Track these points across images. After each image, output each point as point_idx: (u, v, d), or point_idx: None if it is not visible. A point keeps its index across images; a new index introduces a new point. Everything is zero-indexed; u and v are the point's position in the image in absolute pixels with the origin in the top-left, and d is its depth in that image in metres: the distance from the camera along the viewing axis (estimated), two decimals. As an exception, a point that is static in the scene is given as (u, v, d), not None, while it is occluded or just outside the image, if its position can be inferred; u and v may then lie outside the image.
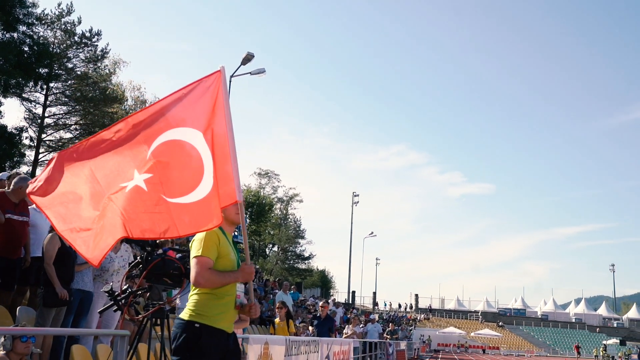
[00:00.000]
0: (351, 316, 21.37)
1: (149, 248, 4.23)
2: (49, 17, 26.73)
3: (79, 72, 28.07)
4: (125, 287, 4.34)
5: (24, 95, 26.73)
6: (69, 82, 28.09)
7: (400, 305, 73.75)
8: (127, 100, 35.31)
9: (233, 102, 3.85)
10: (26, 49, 25.32)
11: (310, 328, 12.81)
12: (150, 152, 3.61)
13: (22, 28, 25.26)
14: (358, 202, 52.07)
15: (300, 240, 57.90)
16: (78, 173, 3.71)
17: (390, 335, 23.22)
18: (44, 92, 27.40)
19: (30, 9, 25.37)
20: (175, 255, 4.34)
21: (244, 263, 3.50)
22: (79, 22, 27.44)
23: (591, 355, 54.34)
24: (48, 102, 27.79)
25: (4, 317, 5.72)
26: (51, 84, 27.46)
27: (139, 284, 4.36)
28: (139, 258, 4.21)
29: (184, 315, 3.41)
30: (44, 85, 27.11)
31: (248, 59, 19.10)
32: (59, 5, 26.98)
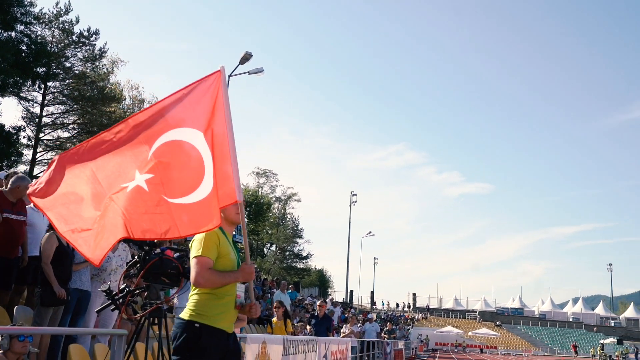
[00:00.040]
0: (349, 315, 21.36)
1: (146, 247, 4.22)
2: (47, 16, 26.68)
3: (76, 71, 28.04)
4: (123, 287, 4.33)
5: (21, 94, 26.68)
6: (67, 81, 28.06)
7: (398, 305, 73.77)
8: (125, 99, 35.27)
9: (231, 102, 3.82)
10: (24, 48, 25.27)
11: (308, 327, 12.81)
12: (151, 153, 3.61)
13: (20, 27, 25.21)
14: (356, 202, 52.15)
15: (298, 240, 57.96)
16: (79, 174, 3.71)
17: (388, 334, 23.21)
18: (41, 91, 27.36)
19: (28, 8, 25.30)
20: (173, 254, 4.32)
21: (244, 263, 3.49)
22: (77, 21, 27.45)
23: (588, 354, 54.49)
24: (46, 101, 27.75)
25: (2, 317, 5.72)
26: (49, 83, 27.42)
27: (137, 283, 4.35)
28: (136, 257, 4.20)
29: (184, 315, 3.41)
30: (42, 85, 27.07)
31: (246, 58, 19.10)
32: (57, 4, 26.96)
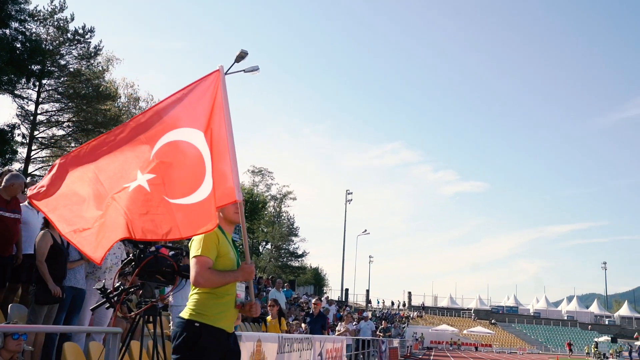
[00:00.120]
0: (344, 314, 21.38)
1: (141, 245, 4.22)
2: (42, 14, 26.52)
3: (71, 69, 27.89)
4: (118, 285, 4.33)
5: (16, 92, 26.51)
6: (62, 79, 27.90)
7: (393, 303, 73.88)
8: (120, 97, 35.11)
9: (229, 100, 3.82)
10: (18, 45, 25.10)
11: (303, 325, 12.83)
12: (153, 153, 3.63)
13: (15, 24, 25.03)
14: (352, 200, 52.24)
15: (293, 238, 57.88)
16: (81, 176, 3.73)
17: (383, 332, 23.28)
18: (36, 89, 27.20)
19: (22, 5, 25.12)
20: (168, 252, 4.33)
21: (244, 262, 3.49)
22: (72, 19, 27.26)
23: (583, 352, 54.73)
24: (40, 99, 27.60)
25: (-4, 315, 5.71)
26: (44, 81, 27.26)
27: (132, 281, 4.35)
28: (131, 255, 4.21)
29: (184, 314, 3.41)
30: (37, 82, 26.92)
31: (242, 56, 19.08)
32: (52, 1, 26.77)
